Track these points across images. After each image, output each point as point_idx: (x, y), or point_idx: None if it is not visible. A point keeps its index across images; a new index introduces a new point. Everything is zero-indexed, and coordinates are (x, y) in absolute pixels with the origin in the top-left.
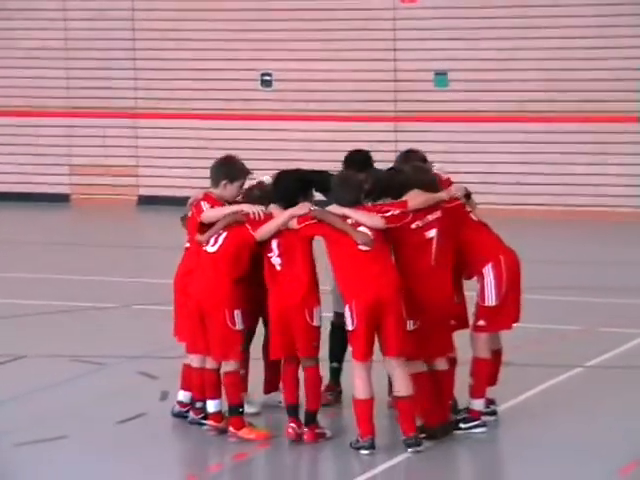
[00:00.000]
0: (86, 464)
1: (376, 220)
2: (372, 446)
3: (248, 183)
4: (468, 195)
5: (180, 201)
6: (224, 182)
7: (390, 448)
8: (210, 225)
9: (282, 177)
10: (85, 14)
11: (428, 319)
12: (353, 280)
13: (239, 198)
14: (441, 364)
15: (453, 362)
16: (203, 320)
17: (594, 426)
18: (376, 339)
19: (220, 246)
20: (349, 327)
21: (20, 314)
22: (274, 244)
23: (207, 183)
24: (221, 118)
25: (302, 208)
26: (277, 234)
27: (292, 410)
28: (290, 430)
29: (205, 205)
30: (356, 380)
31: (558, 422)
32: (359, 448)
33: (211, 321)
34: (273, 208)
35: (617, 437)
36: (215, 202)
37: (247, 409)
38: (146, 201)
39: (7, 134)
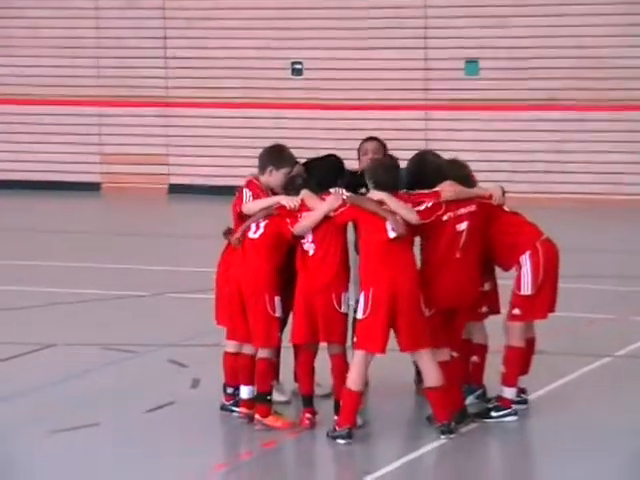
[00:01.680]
0: (118, 451)
1: (411, 214)
2: (349, 435)
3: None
4: (503, 193)
5: (211, 190)
6: (270, 169)
7: (418, 436)
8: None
9: (314, 163)
10: (116, 2)
11: (443, 309)
12: (375, 268)
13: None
14: (442, 355)
15: (483, 350)
16: (243, 306)
17: (625, 416)
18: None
19: (262, 234)
20: (359, 315)
21: (52, 302)
22: (308, 231)
23: (237, 171)
24: (252, 107)
25: (336, 199)
26: None
27: (307, 400)
28: (306, 421)
29: (247, 193)
30: (352, 370)
31: (589, 412)
32: (336, 437)
33: (251, 307)
34: (304, 193)
35: None
36: (257, 189)
37: (277, 397)
38: (177, 190)
39: (38, 123)
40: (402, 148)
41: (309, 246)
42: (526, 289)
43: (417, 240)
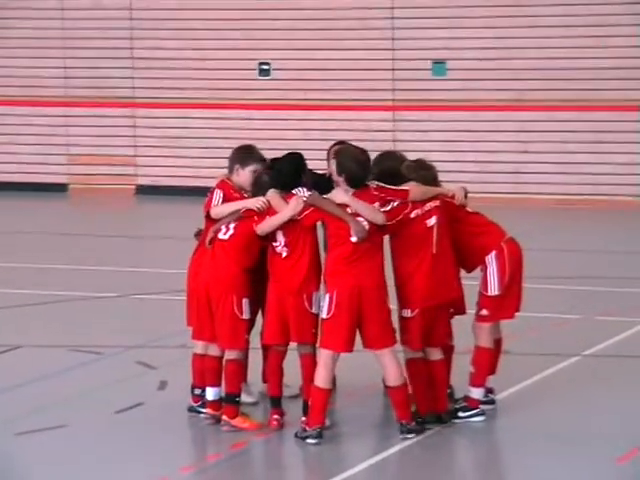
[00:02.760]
0: (85, 453)
1: (377, 215)
2: (320, 435)
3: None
4: (466, 194)
5: (178, 191)
6: (236, 167)
7: (387, 437)
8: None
9: (276, 162)
10: (82, 3)
11: (427, 308)
12: (339, 270)
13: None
14: (435, 354)
15: (450, 350)
16: (210, 307)
17: (592, 414)
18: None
19: (232, 235)
20: (323, 315)
21: (17, 304)
22: (279, 234)
23: (205, 172)
24: (219, 107)
25: (298, 203)
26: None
27: (275, 401)
28: (274, 422)
29: (218, 194)
30: (320, 368)
31: (556, 411)
32: (306, 437)
33: (218, 308)
34: (271, 194)
35: (615, 425)
36: (229, 189)
37: (245, 399)
38: (144, 191)
39: (4, 123)
40: (370, 149)
41: (282, 249)
42: (493, 290)
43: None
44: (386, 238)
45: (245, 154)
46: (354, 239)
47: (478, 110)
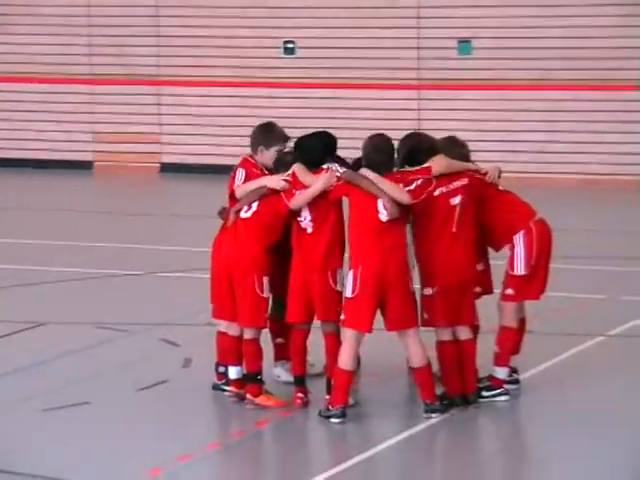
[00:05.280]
0: (109, 431)
1: (402, 194)
2: (343, 414)
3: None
4: (499, 174)
5: (203, 169)
6: (260, 148)
7: (411, 416)
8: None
9: (305, 140)
10: None
11: (447, 285)
12: (363, 247)
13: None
14: (464, 333)
15: (475, 329)
16: (231, 285)
17: (616, 395)
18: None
19: (254, 213)
20: (348, 294)
21: (42, 281)
22: (305, 209)
23: (230, 150)
24: (243, 85)
25: (332, 175)
26: None
27: (299, 380)
28: (298, 400)
29: (240, 172)
30: (344, 349)
31: (580, 391)
32: (330, 416)
33: (239, 287)
34: (296, 167)
35: (638, 406)
36: (253, 167)
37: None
38: (168, 168)
39: (30, 101)
40: (394, 128)
41: (307, 224)
42: (519, 269)
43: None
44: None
45: (268, 134)
46: (383, 217)
47: (504, 89)
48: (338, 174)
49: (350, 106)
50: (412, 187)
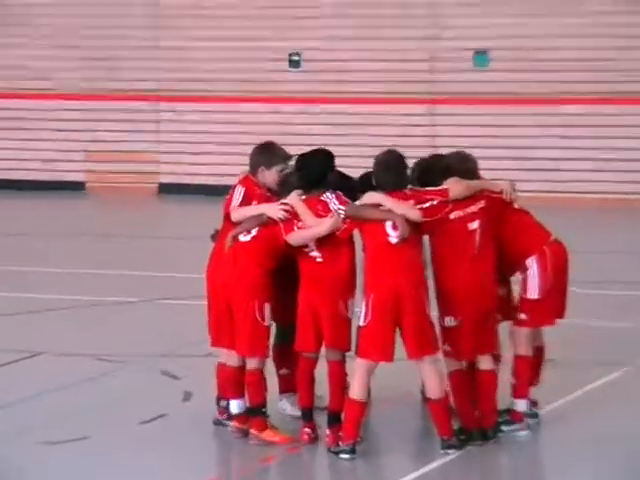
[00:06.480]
0: (108, 465)
1: (413, 212)
2: (353, 451)
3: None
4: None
5: (203, 189)
6: (261, 168)
7: (426, 451)
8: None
9: (304, 159)
10: None
11: (469, 314)
12: (376, 273)
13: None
14: (485, 362)
15: (497, 360)
16: (230, 311)
17: None
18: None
19: (254, 237)
20: (361, 322)
21: (37, 309)
22: (311, 243)
23: (231, 170)
24: (247, 101)
25: (337, 220)
26: None
27: (307, 413)
28: (305, 435)
29: (239, 190)
30: (355, 380)
31: (606, 424)
32: (339, 452)
33: (238, 313)
34: (294, 199)
35: None
36: (253, 185)
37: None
38: (167, 189)
39: (20, 118)
40: (406, 145)
41: (314, 254)
42: (533, 293)
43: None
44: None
45: (269, 153)
46: (393, 239)
47: (522, 104)
48: (342, 214)
49: (358, 122)
50: (426, 205)
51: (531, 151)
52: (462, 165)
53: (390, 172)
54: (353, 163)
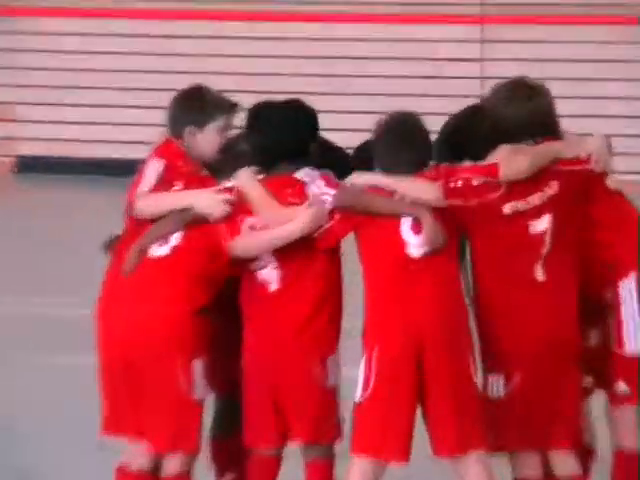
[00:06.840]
0: None
1: (429, 189)
2: None
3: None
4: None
5: (89, 165)
6: (189, 129)
7: None
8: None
9: (267, 114)
10: None
11: (531, 375)
12: (383, 311)
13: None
14: (564, 463)
15: (588, 456)
16: (136, 378)
17: None
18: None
19: (174, 249)
20: (357, 395)
21: None
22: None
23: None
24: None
25: (319, 211)
26: None
27: None
28: None
29: (154, 167)
30: None
31: None
32: None
33: (150, 380)
34: (245, 180)
35: None
36: (177, 158)
37: None
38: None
39: None
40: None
41: (269, 274)
42: (634, 344)
43: None
44: None
45: (200, 102)
46: (417, 250)
47: None
48: (329, 204)
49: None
50: (457, 184)
51: None
52: (528, 118)
53: (390, 150)
54: (348, 122)
